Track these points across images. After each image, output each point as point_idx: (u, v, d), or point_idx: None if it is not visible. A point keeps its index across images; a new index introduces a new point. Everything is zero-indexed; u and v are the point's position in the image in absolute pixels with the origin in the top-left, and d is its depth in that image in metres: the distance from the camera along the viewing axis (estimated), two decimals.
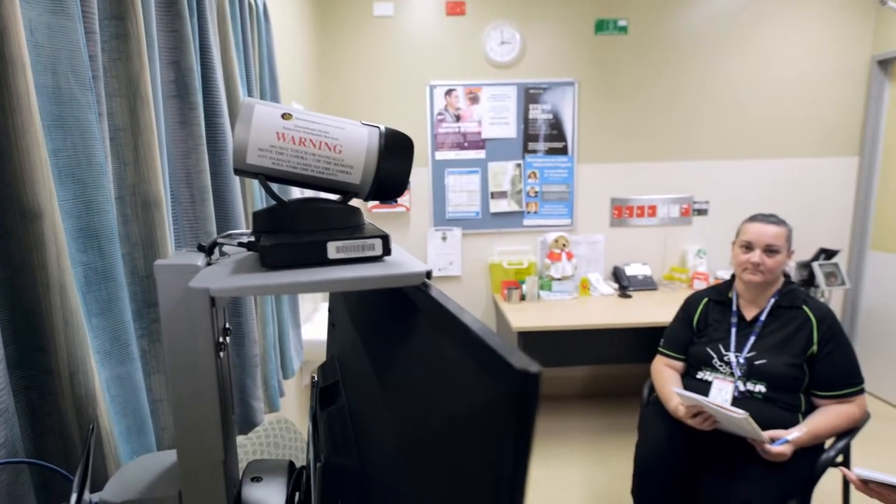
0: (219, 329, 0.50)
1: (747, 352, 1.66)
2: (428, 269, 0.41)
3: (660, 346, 1.92)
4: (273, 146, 0.48)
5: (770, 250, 1.65)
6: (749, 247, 1.68)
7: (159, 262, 0.45)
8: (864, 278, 3.22)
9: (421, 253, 3.14)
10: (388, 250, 0.45)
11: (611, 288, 3.06)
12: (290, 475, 0.57)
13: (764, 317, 1.69)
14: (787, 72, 3.06)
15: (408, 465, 0.31)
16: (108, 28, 0.83)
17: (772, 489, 1.48)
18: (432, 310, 0.35)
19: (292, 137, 0.49)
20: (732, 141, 3.13)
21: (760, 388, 1.62)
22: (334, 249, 0.44)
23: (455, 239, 3.10)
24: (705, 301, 1.85)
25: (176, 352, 0.45)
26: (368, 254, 0.45)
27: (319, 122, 0.50)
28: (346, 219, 0.50)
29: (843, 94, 3.10)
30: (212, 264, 0.50)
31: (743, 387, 1.64)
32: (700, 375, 1.75)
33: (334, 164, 0.50)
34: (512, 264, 3.03)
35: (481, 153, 3.03)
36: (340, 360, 0.60)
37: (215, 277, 0.42)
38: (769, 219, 1.68)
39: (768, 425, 1.53)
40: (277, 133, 0.49)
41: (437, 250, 3.11)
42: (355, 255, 0.45)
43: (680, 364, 1.84)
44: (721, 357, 1.71)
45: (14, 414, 0.60)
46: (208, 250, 0.51)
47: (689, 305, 1.89)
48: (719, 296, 1.83)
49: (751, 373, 1.64)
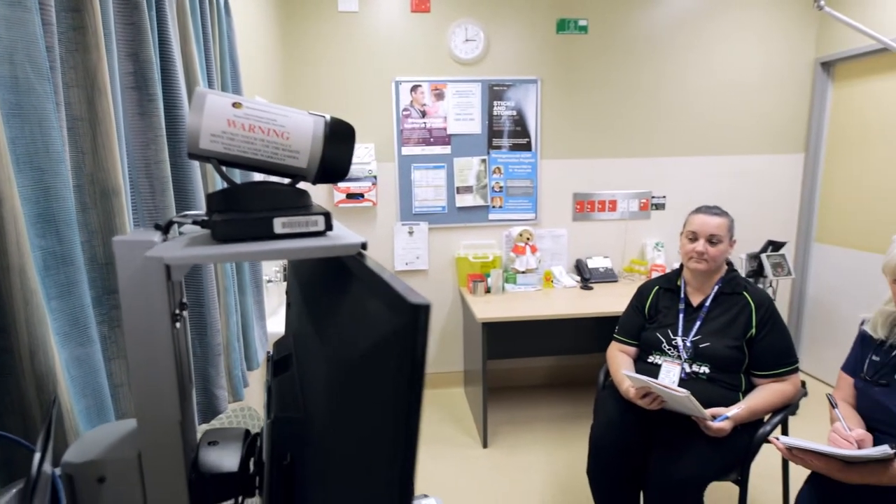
0: (175, 301, 0.54)
1: (693, 336, 1.77)
2: (363, 241, 0.46)
3: (615, 332, 2.01)
4: (224, 132, 0.53)
5: (713, 240, 1.75)
6: (694, 237, 1.79)
7: (117, 237, 0.48)
8: (810, 269, 3.41)
9: (388, 247, 3.18)
10: (329, 226, 0.50)
11: (573, 280, 3.16)
12: (245, 441, 0.61)
13: (709, 303, 1.80)
14: (738, 73, 3.21)
15: (337, 402, 0.36)
16: (65, 20, 0.85)
17: (714, 463, 1.59)
18: (364, 274, 0.41)
19: (242, 125, 0.53)
20: (687, 138, 3.27)
21: (705, 369, 1.72)
22: (280, 225, 0.49)
23: (422, 233, 3.15)
24: (656, 289, 1.95)
25: (134, 320, 0.48)
26: (312, 229, 0.50)
27: (268, 111, 0.55)
28: (294, 200, 0.55)
29: (790, 94, 3.27)
30: (168, 241, 0.53)
31: (689, 368, 1.75)
32: (651, 359, 1.85)
33: (282, 150, 0.55)
34: (478, 258, 3.10)
35: (447, 149, 3.09)
36: (294, 335, 0.65)
37: (170, 249, 0.46)
38: (712, 210, 1.79)
39: (712, 403, 1.64)
40: (228, 120, 0.53)
41: (405, 245, 3.16)
42: (300, 231, 0.49)
43: (633, 349, 1.94)
44: (670, 341, 1.81)
45: None
46: (165, 229, 0.55)
47: (641, 294, 1.99)
48: (669, 284, 1.93)
49: (696, 355, 1.74)
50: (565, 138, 3.19)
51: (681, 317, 1.83)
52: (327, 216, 0.50)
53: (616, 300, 2.76)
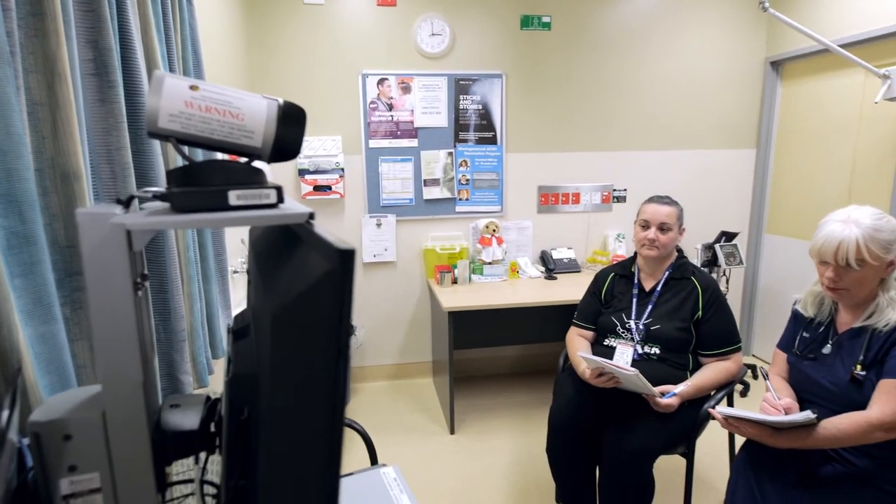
0: (136, 271, 0.57)
1: (645, 319, 1.87)
2: (311, 211, 0.51)
3: (574, 318, 2.10)
4: (182, 112, 0.56)
5: (663, 228, 1.85)
6: (646, 225, 1.88)
7: (81, 209, 0.52)
8: (761, 259, 3.59)
9: (356, 239, 3.21)
10: (281, 199, 0.55)
11: (538, 271, 3.25)
12: (206, 404, 0.65)
13: (660, 287, 1.90)
14: (694, 71, 3.35)
15: (279, 345, 0.41)
16: (24, 6, 0.87)
17: (663, 437, 1.69)
18: (309, 237, 0.45)
19: (199, 106, 0.57)
20: (647, 133, 3.39)
21: (655, 350, 1.82)
22: (235, 197, 0.53)
23: (390, 225, 3.19)
24: (612, 276, 2.05)
25: (97, 286, 0.52)
26: (265, 201, 0.54)
27: (224, 94, 0.59)
28: (250, 177, 0.59)
29: (743, 92, 3.43)
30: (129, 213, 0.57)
31: (641, 350, 1.84)
32: (607, 342, 1.94)
33: (238, 130, 0.59)
34: (445, 249, 3.15)
35: (414, 142, 3.13)
36: (252, 306, 0.69)
37: (131, 218, 0.50)
38: (663, 200, 1.89)
39: (662, 381, 1.74)
40: (185, 101, 0.57)
41: (373, 237, 3.19)
42: (253, 203, 0.54)
43: (590, 333, 2.03)
44: (623, 325, 1.90)
45: None
46: (126, 203, 0.58)
47: (598, 280, 2.09)
48: (624, 270, 2.03)
49: (648, 337, 1.84)
50: (530, 132, 3.27)
51: (634, 301, 1.93)
52: (279, 189, 0.55)
53: (579, 289, 2.84)
